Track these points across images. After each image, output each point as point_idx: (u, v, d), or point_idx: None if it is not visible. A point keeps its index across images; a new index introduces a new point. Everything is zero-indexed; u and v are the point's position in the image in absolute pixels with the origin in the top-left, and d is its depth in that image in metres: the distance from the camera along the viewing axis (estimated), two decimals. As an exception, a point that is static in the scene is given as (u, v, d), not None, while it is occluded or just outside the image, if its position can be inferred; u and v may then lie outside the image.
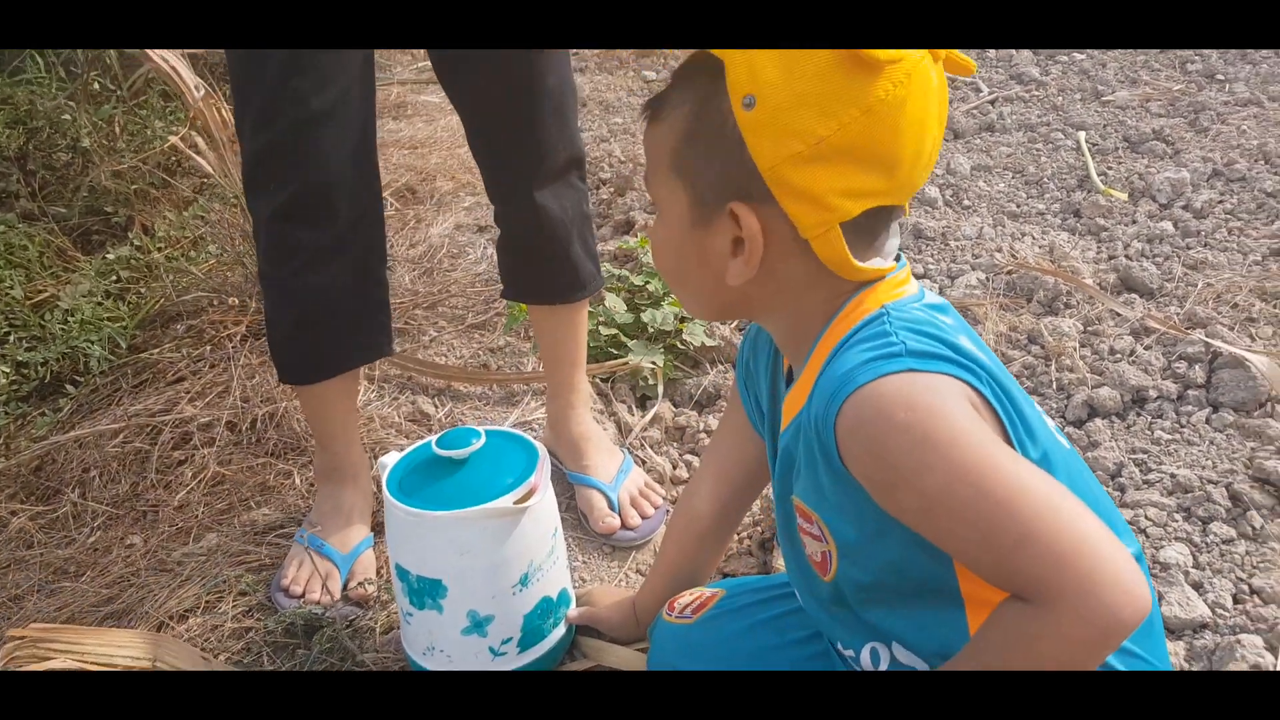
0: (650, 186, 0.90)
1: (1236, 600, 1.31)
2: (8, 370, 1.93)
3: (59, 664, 1.17)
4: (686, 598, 1.20)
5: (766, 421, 1.04)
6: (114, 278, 2.25)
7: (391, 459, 1.20)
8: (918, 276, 2.13)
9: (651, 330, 1.92)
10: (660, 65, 3.57)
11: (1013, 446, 0.79)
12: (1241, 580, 1.35)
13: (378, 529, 1.47)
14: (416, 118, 3.18)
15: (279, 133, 1.27)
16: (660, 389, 1.85)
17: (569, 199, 1.44)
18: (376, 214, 1.42)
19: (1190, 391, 1.68)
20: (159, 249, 2.30)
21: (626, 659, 1.26)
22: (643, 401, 1.88)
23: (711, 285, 0.87)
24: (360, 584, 1.38)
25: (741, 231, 0.82)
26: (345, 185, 1.32)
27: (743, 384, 1.12)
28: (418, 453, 1.20)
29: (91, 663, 1.19)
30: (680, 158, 0.84)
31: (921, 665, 0.89)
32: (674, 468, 1.71)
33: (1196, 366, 1.71)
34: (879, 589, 0.88)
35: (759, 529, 1.54)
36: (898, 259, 0.89)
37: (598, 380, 1.88)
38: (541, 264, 1.48)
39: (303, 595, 1.35)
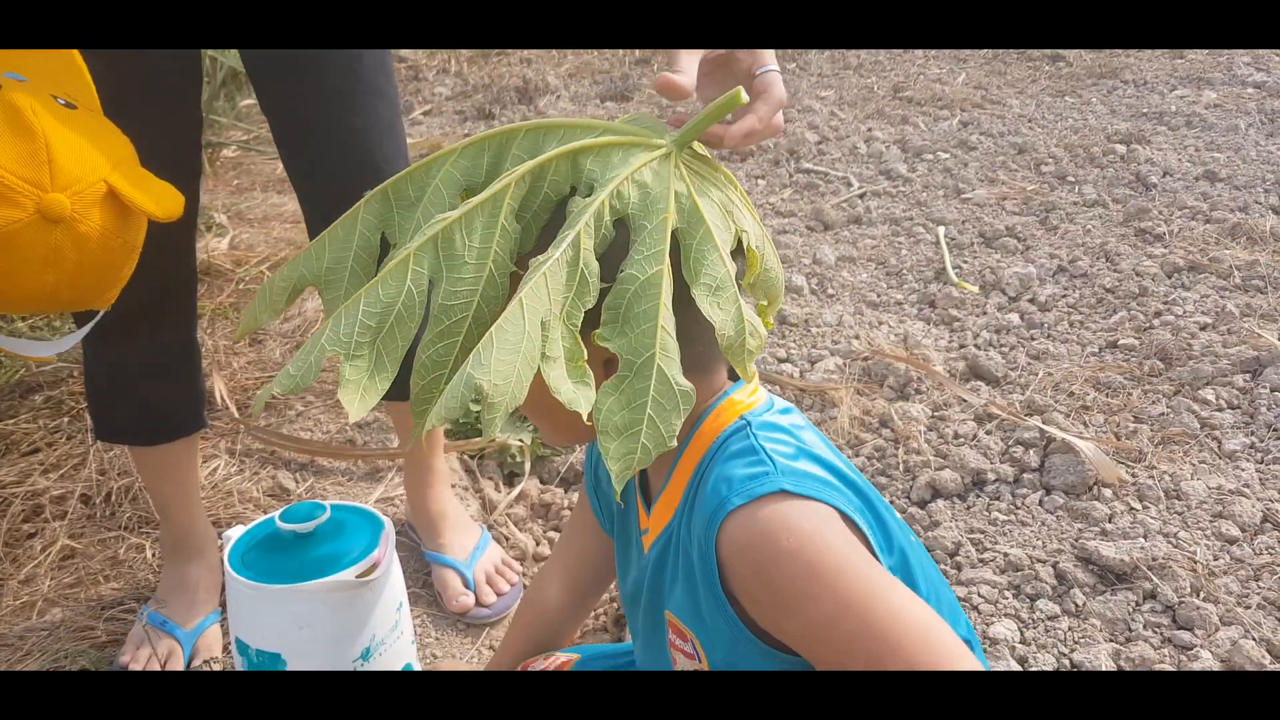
0: None
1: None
2: None
3: None
4: (541, 663, 1.22)
5: (617, 528, 1.07)
6: (-25, 346, 2.19)
7: (235, 532, 1.21)
8: (780, 361, 2.23)
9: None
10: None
11: (875, 557, 0.83)
12: (1063, 655, 1.43)
13: (225, 605, 1.45)
14: (286, 193, 3.20)
15: None
16: (527, 466, 1.89)
17: None
18: (188, 284, 1.38)
19: (1025, 475, 1.79)
20: (22, 319, 2.26)
21: None
22: (510, 478, 1.91)
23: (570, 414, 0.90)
24: (205, 662, 1.37)
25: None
26: (148, 252, 1.19)
27: (592, 490, 1.15)
28: (261, 527, 1.21)
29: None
30: None
31: None
32: (537, 544, 1.73)
33: (1031, 451, 1.82)
34: None
35: (614, 605, 1.57)
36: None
37: (465, 457, 1.90)
38: None
39: (141, 673, 1.33)
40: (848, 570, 0.77)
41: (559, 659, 1.22)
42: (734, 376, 0.95)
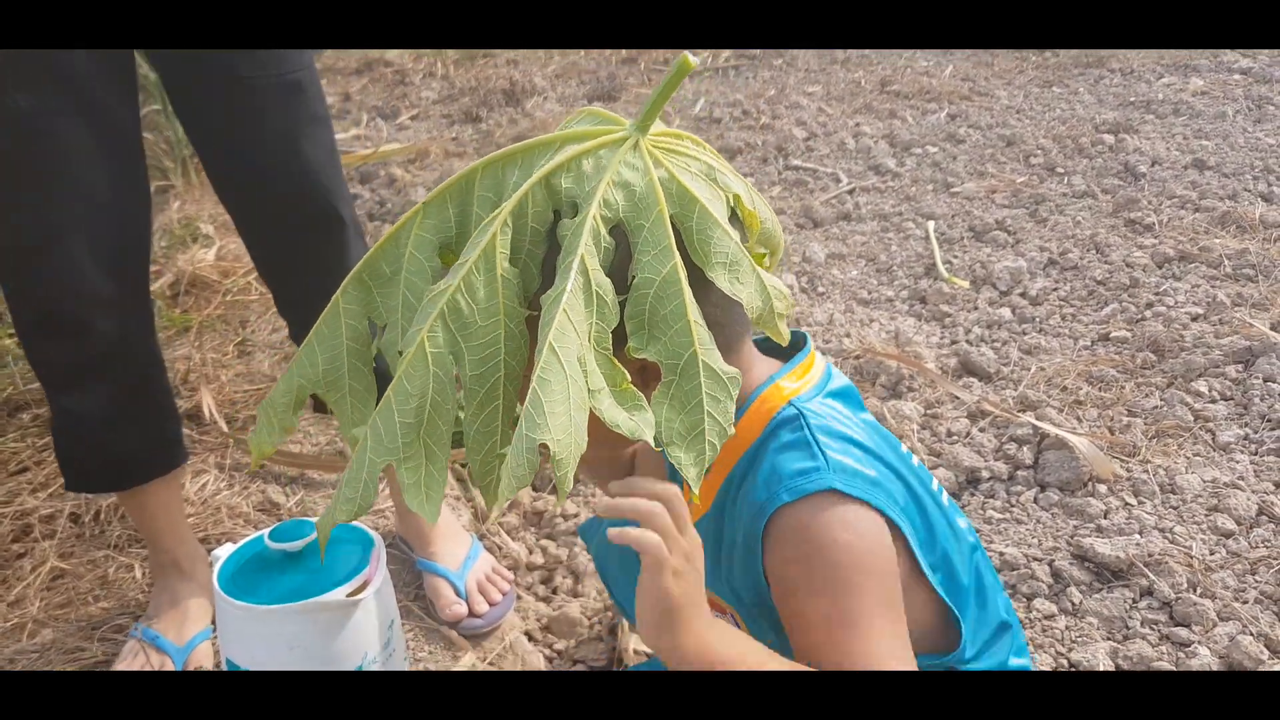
0: None
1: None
2: None
3: None
4: None
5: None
6: (-40, 364, 2.17)
7: (224, 551, 1.19)
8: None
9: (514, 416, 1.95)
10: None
11: (915, 559, 0.87)
12: (1061, 654, 1.43)
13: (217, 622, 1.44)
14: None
15: (8, 251, 1.22)
16: (519, 474, 1.87)
17: None
18: (145, 326, 1.35)
19: (1020, 472, 1.78)
20: (9, 335, 2.24)
21: None
22: (502, 486, 1.90)
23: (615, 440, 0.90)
24: (197, 681, 1.36)
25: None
26: (100, 301, 1.24)
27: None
28: (250, 546, 1.19)
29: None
30: None
31: None
32: (530, 553, 1.72)
33: (1025, 448, 1.82)
34: None
35: (609, 614, 1.56)
36: (800, 345, 0.95)
37: (456, 465, 1.89)
38: None
39: (132, 694, 1.32)
40: (864, 596, 0.80)
41: None
42: (772, 351, 0.94)
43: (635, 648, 1.48)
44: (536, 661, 1.50)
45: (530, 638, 1.57)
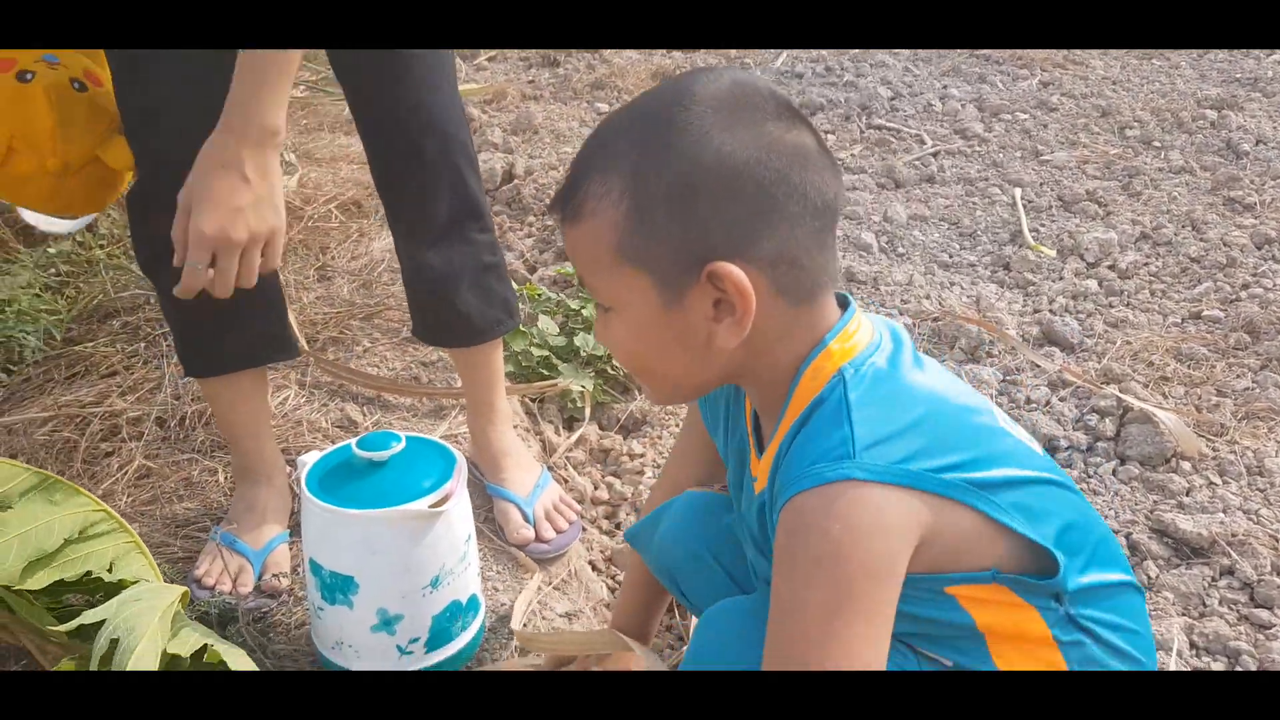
0: (595, 288, 0.87)
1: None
2: (-60, 355, 1.92)
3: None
4: None
5: (731, 459, 1.04)
6: (53, 271, 2.24)
7: (311, 458, 1.22)
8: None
9: (583, 354, 1.95)
10: (614, 98, 3.63)
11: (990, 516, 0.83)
12: (1132, 623, 1.41)
13: (295, 528, 1.48)
14: (355, 133, 3.20)
15: (128, 116, 1.29)
16: (588, 412, 1.88)
17: (460, 253, 1.43)
18: None
19: (1100, 444, 1.75)
20: (100, 246, 2.30)
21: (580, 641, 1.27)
22: (570, 423, 1.91)
23: (696, 362, 0.86)
24: (274, 576, 1.40)
25: (724, 293, 0.81)
26: None
27: (706, 415, 1.11)
28: (338, 453, 1.22)
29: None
30: (629, 245, 0.82)
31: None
32: (595, 488, 1.74)
33: (1107, 420, 1.78)
34: None
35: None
36: (845, 304, 0.91)
37: (527, 399, 1.90)
38: (430, 314, 1.51)
39: (214, 587, 1.36)
40: (856, 599, 0.76)
41: None
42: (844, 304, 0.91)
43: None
44: (600, 591, 1.52)
45: (594, 567, 1.59)
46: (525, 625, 1.35)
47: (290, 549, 1.46)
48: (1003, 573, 0.85)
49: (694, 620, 1.38)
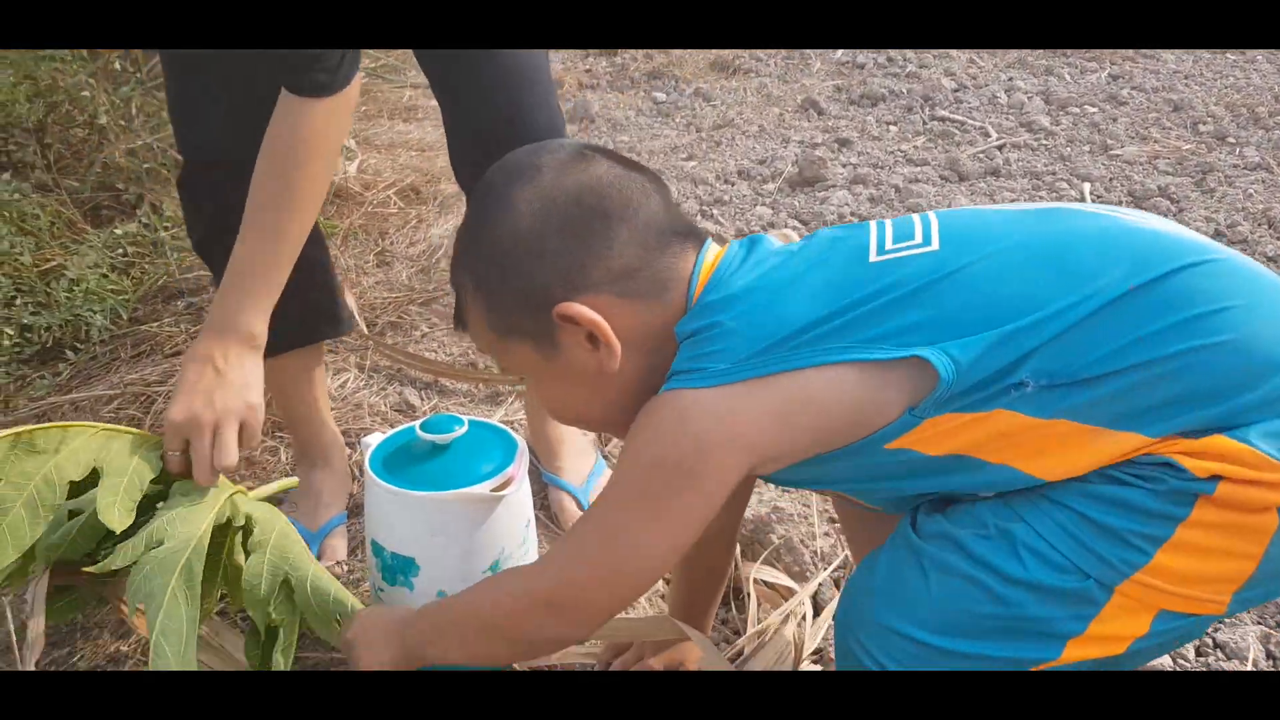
0: (504, 366, 0.99)
1: None
2: (12, 333, 1.97)
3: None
4: None
5: None
6: (120, 251, 2.28)
7: (375, 439, 1.22)
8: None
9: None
10: (671, 87, 3.61)
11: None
12: (1206, 633, 1.36)
13: (353, 509, 1.48)
14: (426, 121, 3.22)
15: (172, 105, 1.33)
16: (647, 399, 1.87)
17: None
18: None
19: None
20: (165, 228, 2.33)
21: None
22: (629, 410, 1.90)
23: (605, 390, 0.93)
24: (336, 564, 1.40)
25: (581, 325, 0.88)
26: (236, 168, 1.25)
27: None
28: (401, 435, 1.22)
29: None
30: (498, 324, 0.93)
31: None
32: (654, 478, 1.72)
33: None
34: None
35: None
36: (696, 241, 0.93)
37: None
38: None
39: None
40: (641, 490, 0.85)
41: None
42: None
43: (755, 576, 1.47)
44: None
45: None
46: None
47: (347, 530, 1.47)
48: (917, 407, 0.82)
49: (750, 613, 1.37)
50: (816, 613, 1.36)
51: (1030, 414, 0.81)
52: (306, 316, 1.44)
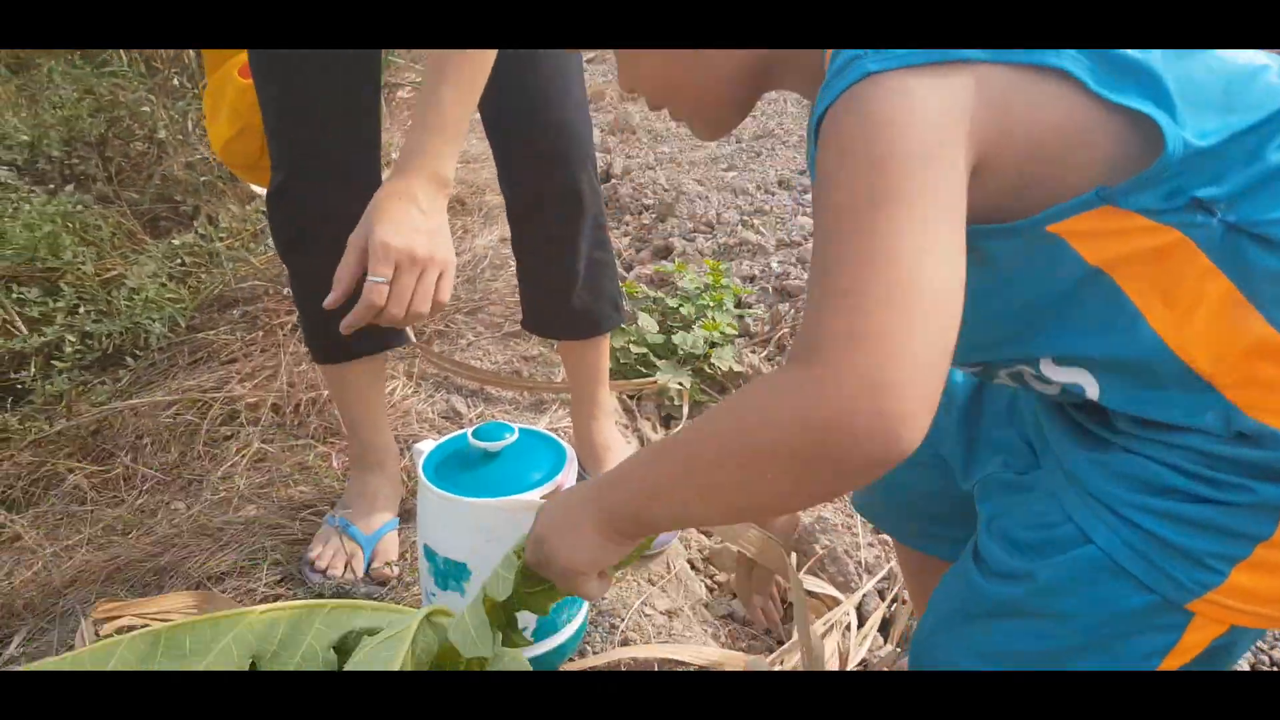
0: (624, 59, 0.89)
1: None
2: (74, 339, 2.04)
3: (126, 621, 1.26)
4: None
5: None
6: (178, 261, 2.35)
7: (427, 445, 1.26)
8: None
9: (681, 353, 1.98)
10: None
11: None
12: (1261, 651, 1.36)
13: (404, 515, 1.53)
14: (471, 134, 3.28)
15: (268, 113, 1.37)
16: (685, 410, 1.91)
17: (574, 250, 1.49)
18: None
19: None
20: (221, 238, 2.41)
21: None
22: (667, 420, 1.93)
23: (721, 70, 0.83)
24: (386, 565, 1.45)
25: None
26: (337, 173, 1.35)
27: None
28: (453, 442, 1.26)
29: (152, 618, 1.26)
30: None
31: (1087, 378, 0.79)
32: (696, 487, 1.75)
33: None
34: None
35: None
36: None
37: (624, 396, 1.93)
38: (543, 307, 1.58)
39: (326, 570, 1.42)
40: (882, 185, 0.65)
41: None
42: None
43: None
44: (699, 590, 1.54)
45: (693, 566, 1.61)
46: (622, 622, 1.38)
47: (399, 535, 1.52)
48: (1109, 187, 0.69)
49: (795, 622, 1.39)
50: (860, 623, 1.38)
51: (1203, 249, 0.70)
52: (376, 327, 1.49)
